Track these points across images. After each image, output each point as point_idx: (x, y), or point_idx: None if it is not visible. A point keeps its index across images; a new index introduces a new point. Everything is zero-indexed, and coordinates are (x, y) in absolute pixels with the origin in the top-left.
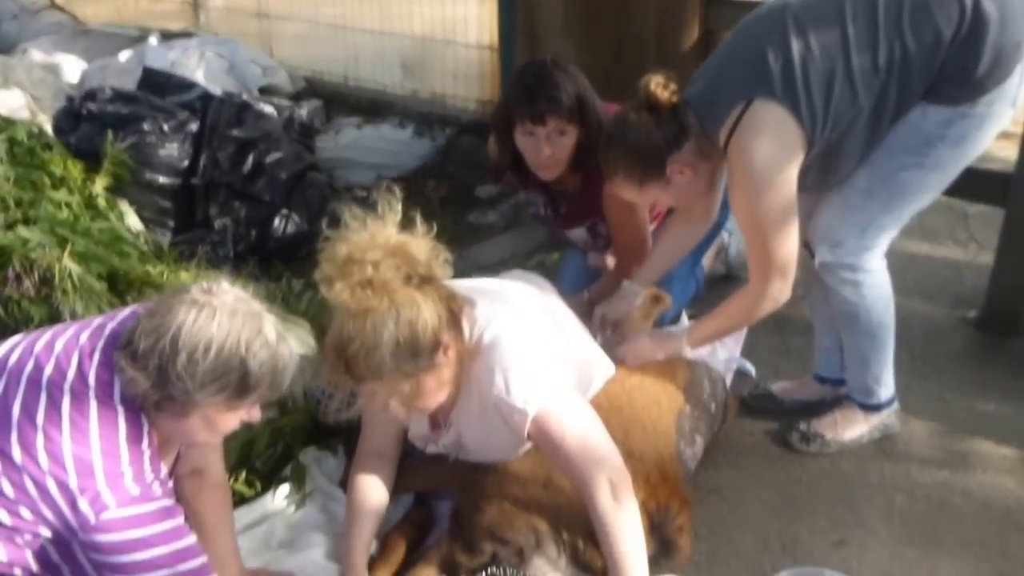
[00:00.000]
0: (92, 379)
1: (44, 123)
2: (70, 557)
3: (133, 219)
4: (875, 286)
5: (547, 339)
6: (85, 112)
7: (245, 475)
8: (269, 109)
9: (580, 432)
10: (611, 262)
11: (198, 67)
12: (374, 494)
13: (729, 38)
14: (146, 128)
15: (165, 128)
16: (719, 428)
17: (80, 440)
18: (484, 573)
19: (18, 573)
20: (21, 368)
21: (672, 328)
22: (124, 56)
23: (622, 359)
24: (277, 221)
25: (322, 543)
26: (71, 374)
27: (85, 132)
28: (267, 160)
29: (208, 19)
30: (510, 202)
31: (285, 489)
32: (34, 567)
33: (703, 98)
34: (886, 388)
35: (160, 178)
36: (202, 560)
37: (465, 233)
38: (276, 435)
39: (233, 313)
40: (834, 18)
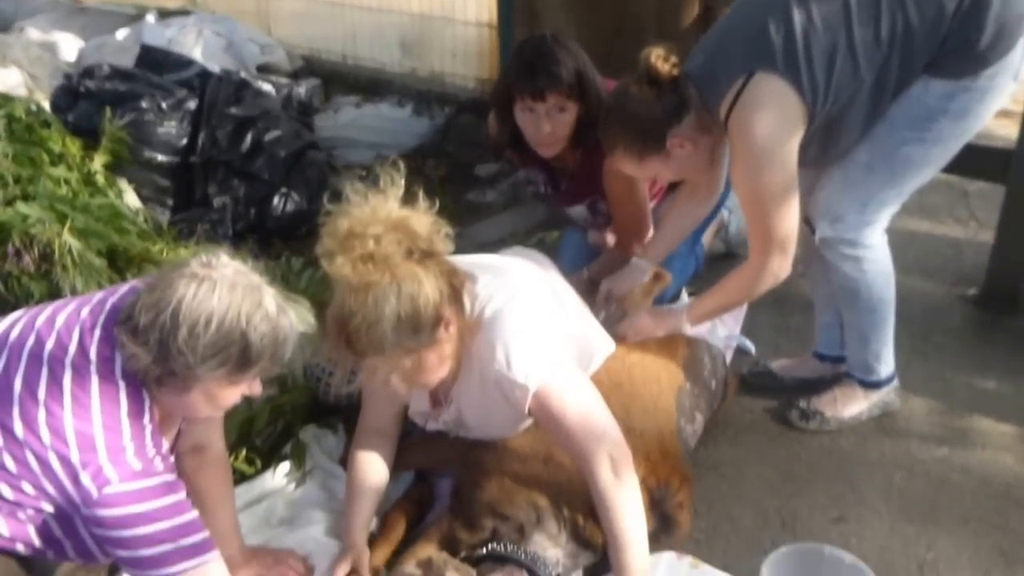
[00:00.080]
0: (93, 354)
1: (41, 101)
2: (72, 532)
3: (132, 197)
4: (876, 261)
5: (548, 315)
6: (83, 89)
7: (245, 453)
8: (267, 87)
9: (581, 408)
10: (611, 240)
11: (196, 45)
12: (374, 471)
13: (730, 11)
14: (144, 106)
15: (163, 106)
16: (719, 405)
17: (82, 415)
18: (484, 549)
19: (21, 548)
20: (22, 343)
21: (672, 306)
22: (121, 34)
23: (622, 336)
24: (276, 200)
25: (322, 520)
26: (72, 349)
27: (83, 110)
28: (266, 138)
29: None
30: (509, 181)
31: (285, 467)
32: (36, 542)
33: (704, 71)
34: (886, 365)
35: (158, 156)
36: (204, 535)
37: (464, 212)
38: (276, 413)
39: (233, 286)
40: None
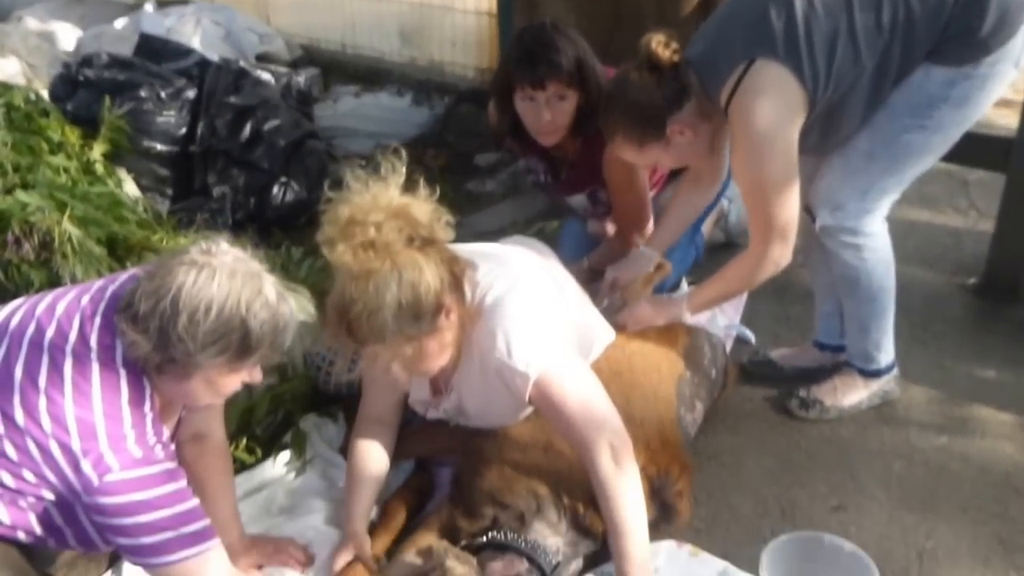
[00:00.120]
0: (94, 342)
1: (40, 90)
2: (73, 519)
3: (131, 187)
4: (876, 250)
5: (548, 303)
6: (82, 78)
7: (246, 442)
8: (266, 76)
9: (581, 396)
10: (611, 229)
11: (194, 34)
12: (374, 460)
13: None
14: (143, 95)
15: (162, 95)
16: (719, 394)
17: (82, 403)
18: (485, 538)
19: (22, 536)
20: (23, 331)
21: (672, 295)
22: (120, 23)
23: (623, 324)
24: (276, 189)
25: (322, 509)
26: (73, 337)
27: (82, 99)
28: (265, 127)
29: None
30: (509, 170)
31: (285, 456)
32: (37, 530)
33: (704, 58)
34: (886, 354)
35: (158, 145)
36: (205, 523)
37: (464, 201)
38: (276, 402)
39: (232, 273)
40: None
